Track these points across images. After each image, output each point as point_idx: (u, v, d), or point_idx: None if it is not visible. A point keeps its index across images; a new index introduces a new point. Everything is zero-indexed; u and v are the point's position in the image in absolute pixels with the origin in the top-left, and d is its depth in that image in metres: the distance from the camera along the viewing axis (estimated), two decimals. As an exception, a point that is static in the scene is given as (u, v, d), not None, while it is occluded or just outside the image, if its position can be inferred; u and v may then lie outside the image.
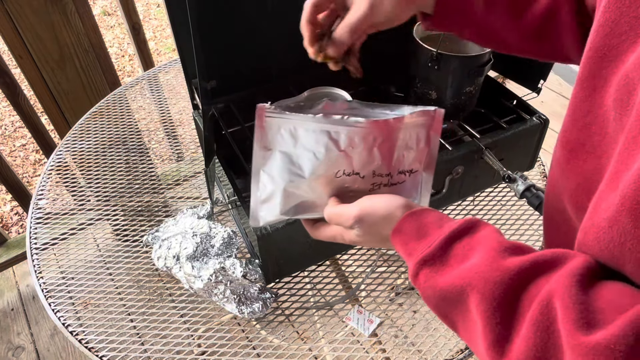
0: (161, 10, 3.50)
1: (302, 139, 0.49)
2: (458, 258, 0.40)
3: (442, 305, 0.40)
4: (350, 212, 0.47)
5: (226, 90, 0.80)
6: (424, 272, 0.41)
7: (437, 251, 0.41)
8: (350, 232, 0.48)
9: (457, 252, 0.40)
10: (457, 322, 0.40)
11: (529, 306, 0.34)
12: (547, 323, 0.32)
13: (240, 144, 0.80)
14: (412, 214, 0.45)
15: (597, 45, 0.37)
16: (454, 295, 0.38)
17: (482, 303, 0.36)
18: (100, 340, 0.72)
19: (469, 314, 0.38)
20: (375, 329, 0.76)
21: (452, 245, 0.41)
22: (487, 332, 0.35)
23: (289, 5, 0.83)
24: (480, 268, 0.37)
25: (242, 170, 0.81)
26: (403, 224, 0.44)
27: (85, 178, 1.01)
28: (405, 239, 0.44)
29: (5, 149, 2.38)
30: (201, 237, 0.76)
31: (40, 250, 0.86)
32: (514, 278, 0.35)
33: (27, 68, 1.23)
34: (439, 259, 0.41)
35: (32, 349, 1.51)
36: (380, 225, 0.46)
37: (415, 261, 0.42)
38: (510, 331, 0.34)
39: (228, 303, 0.73)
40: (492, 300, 0.35)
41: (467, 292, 0.37)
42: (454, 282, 0.38)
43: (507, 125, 0.81)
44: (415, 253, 0.42)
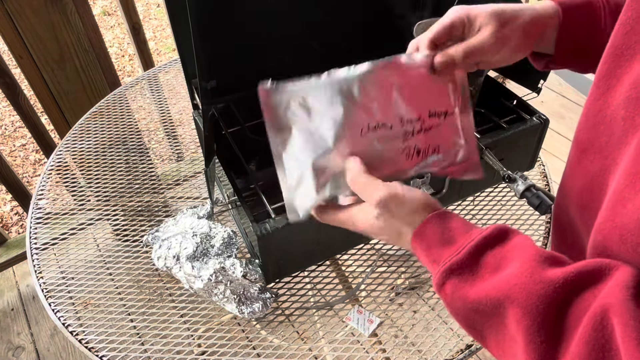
0: (161, 10, 3.50)
1: (315, 106, 0.45)
2: (490, 268, 0.36)
3: (473, 317, 0.37)
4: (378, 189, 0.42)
5: (226, 90, 0.80)
6: (451, 282, 0.38)
7: (467, 259, 0.37)
8: (368, 215, 0.43)
9: (489, 260, 0.37)
10: (488, 336, 0.37)
11: (578, 322, 0.31)
12: (602, 341, 0.29)
13: (240, 144, 0.80)
14: (437, 215, 0.41)
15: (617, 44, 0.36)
16: (488, 308, 0.35)
17: (524, 319, 0.32)
18: (100, 340, 0.72)
19: (506, 329, 0.34)
20: (375, 329, 0.76)
21: (484, 253, 0.37)
22: (530, 351, 0.32)
23: (289, 5, 0.83)
24: (520, 279, 0.34)
25: (242, 170, 0.81)
26: (426, 227, 0.41)
27: (85, 178, 1.01)
28: (428, 244, 0.40)
29: (5, 149, 2.38)
30: (201, 237, 0.76)
31: (40, 250, 0.86)
32: (558, 291, 0.32)
33: (27, 68, 1.23)
34: (469, 268, 0.37)
35: (32, 349, 1.51)
36: (404, 218, 0.42)
37: (441, 270, 0.38)
38: (557, 350, 0.31)
39: (228, 303, 0.73)
40: (537, 315, 0.32)
41: (505, 306, 0.34)
42: (488, 294, 0.35)
43: (507, 125, 0.81)
44: (440, 260, 0.39)
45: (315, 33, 0.85)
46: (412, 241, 0.41)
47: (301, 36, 0.84)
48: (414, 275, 0.84)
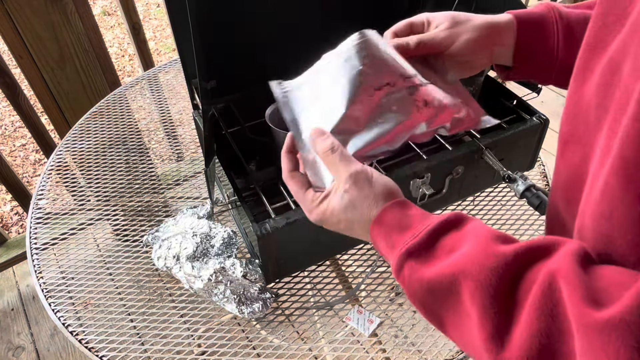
0: (161, 10, 3.50)
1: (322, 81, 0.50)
2: (446, 249, 0.38)
3: (430, 300, 0.38)
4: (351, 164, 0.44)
5: (226, 90, 0.80)
6: (409, 265, 0.39)
7: (424, 242, 0.39)
8: (336, 192, 0.44)
9: (445, 243, 0.38)
10: (446, 319, 0.38)
11: (529, 292, 0.32)
12: (550, 305, 0.30)
13: (240, 144, 0.80)
14: (397, 203, 0.43)
15: (590, 39, 0.38)
16: (444, 285, 0.36)
17: (477, 291, 0.33)
18: (100, 340, 0.72)
19: (461, 306, 0.35)
20: (375, 329, 0.76)
21: (440, 236, 0.39)
22: (485, 322, 0.33)
23: (289, 5, 0.83)
24: (474, 255, 0.35)
25: (242, 170, 0.81)
26: (386, 213, 0.42)
27: (85, 178, 1.01)
28: (387, 230, 0.41)
29: (5, 149, 2.38)
30: (201, 237, 0.76)
31: (40, 250, 0.86)
32: (510, 264, 0.33)
33: (27, 68, 1.23)
34: (426, 250, 0.39)
35: (32, 349, 1.51)
36: (370, 199, 0.43)
37: (399, 254, 0.39)
38: (510, 320, 0.32)
39: (228, 303, 0.73)
40: (489, 287, 0.33)
41: (459, 281, 0.35)
42: (443, 272, 0.36)
43: (507, 125, 0.81)
44: (398, 245, 0.40)
45: (316, 33, 0.85)
46: (372, 228, 0.43)
47: (301, 36, 0.84)
48: (414, 275, 0.84)
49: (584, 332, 0.28)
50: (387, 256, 0.42)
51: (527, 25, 0.54)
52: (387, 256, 0.42)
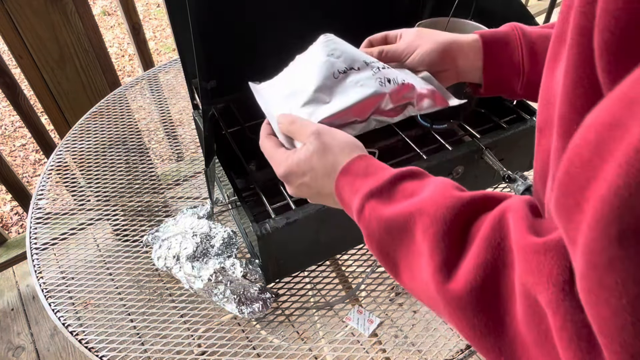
0: (161, 10, 3.50)
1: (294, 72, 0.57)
2: (407, 192, 0.39)
3: (386, 240, 0.39)
4: (310, 125, 0.48)
5: (226, 90, 0.80)
6: (370, 205, 0.40)
7: (386, 185, 0.40)
8: (302, 150, 0.46)
9: (406, 187, 0.40)
10: (399, 259, 0.38)
11: (480, 229, 0.33)
12: (498, 239, 0.31)
13: (240, 144, 0.80)
14: (363, 156, 0.45)
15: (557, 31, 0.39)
16: (400, 224, 0.37)
17: (431, 226, 0.34)
18: (100, 340, 0.72)
19: (414, 244, 0.36)
20: (375, 329, 0.76)
21: (402, 182, 0.40)
22: (434, 255, 0.33)
23: (288, 5, 0.83)
24: (432, 197, 0.36)
25: (242, 170, 0.81)
26: (353, 163, 0.44)
27: (85, 178, 1.01)
28: (352, 179, 0.43)
29: (5, 149, 2.38)
30: (201, 237, 0.76)
31: (40, 250, 0.86)
32: (465, 206, 0.34)
33: (27, 68, 1.23)
34: (387, 192, 0.40)
35: (32, 349, 1.51)
36: (337, 151, 0.45)
37: (362, 194, 0.41)
38: (460, 254, 0.33)
39: (228, 303, 0.73)
40: (443, 223, 0.34)
41: (414, 219, 0.36)
42: (402, 211, 0.37)
43: (507, 125, 0.81)
44: (362, 188, 0.41)
45: (316, 33, 0.85)
46: (337, 180, 0.44)
47: (301, 36, 0.84)
48: (414, 275, 0.84)
49: (523, 255, 0.28)
50: (349, 203, 0.43)
51: (492, 42, 0.58)
52: (350, 202, 0.43)
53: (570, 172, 0.24)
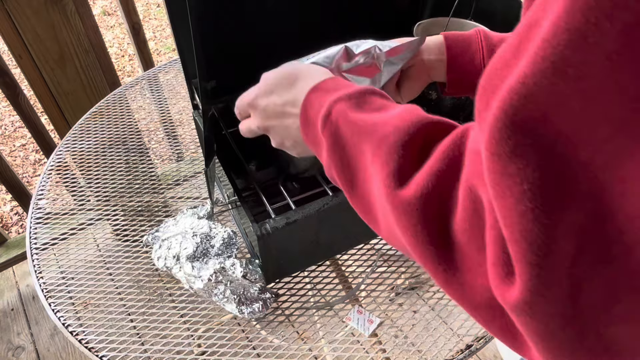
0: (161, 10, 3.50)
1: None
2: (375, 106, 0.39)
3: (350, 146, 0.38)
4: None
5: (226, 90, 0.80)
6: (337, 108, 0.39)
7: (356, 94, 0.40)
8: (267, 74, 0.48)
9: (375, 101, 0.40)
10: (357, 171, 0.37)
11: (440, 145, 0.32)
12: (457, 152, 0.30)
13: (240, 144, 0.80)
14: (335, 77, 0.45)
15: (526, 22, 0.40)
16: (365, 130, 0.36)
17: (392, 135, 0.34)
18: (100, 340, 0.72)
19: (374, 155, 0.35)
20: (375, 329, 0.76)
21: (372, 95, 0.40)
22: (390, 162, 0.33)
23: (289, 5, 0.83)
24: (400, 113, 0.36)
25: (242, 170, 0.81)
26: (322, 83, 0.43)
27: (85, 178, 1.01)
28: (321, 94, 0.42)
29: (5, 149, 2.38)
30: (201, 237, 0.76)
31: (40, 250, 0.86)
32: (432, 124, 0.34)
33: (27, 68, 1.23)
34: (356, 100, 0.39)
35: (32, 349, 1.51)
36: (304, 76, 0.45)
37: (329, 102, 0.40)
38: (415, 167, 0.32)
39: (228, 303, 0.73)
40: (405, 134, 0.33)
41: (378, 128, 0.35)
42: (369, 119, 0.37)
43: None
44: (331, 98, 0.41)
45: (316, 33, 0.85)
46: (307, 95, 0.43)
47: (301, 36, 0.84)
48: (414, 275, 0.84)
49: (473, 157, 0.28)
50: (314, 117, 0.42)
51: (455, 42, 0.60)
52: (316, 115, 0.42)
53: (490, 73, 0.24)
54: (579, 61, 0.19)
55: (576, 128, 0.20)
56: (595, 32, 0.19)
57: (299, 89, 0.45)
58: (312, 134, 0.43)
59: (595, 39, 0.19)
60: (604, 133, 0.20)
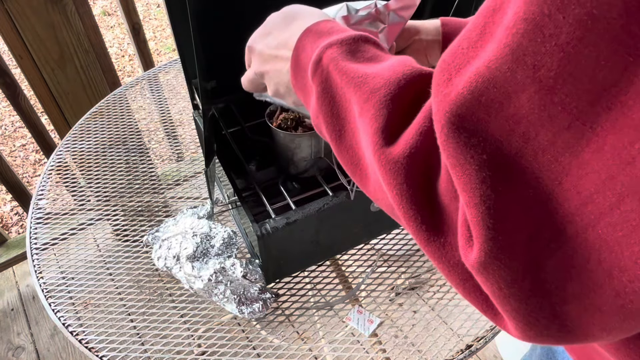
0: (161, 10, 3.50)
1: None
2: (368, 55, 0.37)
3: (340, 95, 0.36)
4: None
5: (226, 90, 0.80)
6: (329, 53, 0.37)
7: (349, 40, 0.38)
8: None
9: (369, 49, 0.37)
10: (346, 122, 0.36)
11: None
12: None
13: (240, 144, 0.80)
14: (331, 20, 0.42)
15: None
16: (356, 80, 0.34)
17: (382, 87, 0.32)
18: (100, 340, 0.72)
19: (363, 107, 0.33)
20: (375, 329, 0.76)
21: (366, 43, 0.38)
22: (379, 117, 0.32)
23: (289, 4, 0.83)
24: (392, 65, 0.34)
25: (242, 170, 0.81)
26: (317, 25, 0.41)
27: (85, 178, 1.01)
28: (314, 38, 0.40)
29: (5, 149, 2.38)
30: (201, 237, 0.76)
31: (40, 250, 0.86)
32: (423, 76, 0.32)
33: (27, 68, 1.23)
34: (349, 46, 0.37)
35: (32, 349, 1.51)
36: (302, 16, 0.43)
37: (321, 47, 0.38)
38: (404, 123, 0.31)
39: (228, 303, 0.73)
40: (395, 87, 0.32)
41: (368, 79, 0.34)
42: (361, 70, 0.35)
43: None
44: (323, 42, 0.38)
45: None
46: (300, 37, 0.41)
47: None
48: (414, 275, 0.84)
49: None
50: (305, 62, 0.40)
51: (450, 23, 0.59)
52: (306, 60, 0.40)
53: (455, 50, 0.25)
54: (535, 51, 0.21)
55: (536, 113, 0.21)
56: (549, 24, 0.20)
57: (294, 30, 0.43)
58: (302, 81, 0.41)
59: (550, 30, 0.20)
60: (563, 120, 0.21)
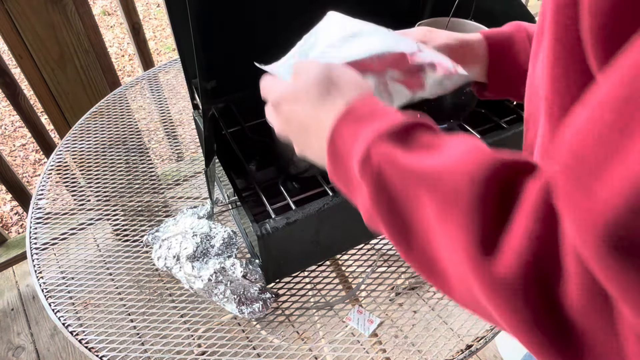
0: (161, 10, 3.50)
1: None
2: (424, 143, 0.32)
3: (401, 194, 0.31)
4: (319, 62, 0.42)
5: (226, 90, 0.80)
6: (380, 148, 0.32)
7: (399, 129, 0.33)
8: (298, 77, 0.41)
9: (423, 136, 0.33)
10: (415, 222, 0.31)
11: (526, 197, 0.26)
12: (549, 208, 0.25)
13: (240, 144, 0.80)
14: (370, 95, 0.38)
15: (539, 30, 0.38)
16: (421, 177, 0.30)
17: (467, 186, 0.28)
18: (100, 340, 0.72)
19: (440, 207, 0.29)
20: (375, 329, 0.76)
21: (418, 130, 0.33)
22: (470, 225, 0.27)
23: (288, 5, 0.83)
24: (462, 154, 0.29)
25: (242, 170, 0.81)
26: (356, 103, 0.37)
27: (85, 178, 1.01)
28: (354, 123, 0.35)
29: (5, 149, 2.38)
30: (201, 237, 0.76)
31: (40, 250, 0.86)
32: (506, 165, 0.28)
33: (27, 68, 1.23)
34: (402, 136, 0.33)
35: (32, 349, 1.51)
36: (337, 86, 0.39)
37: (367, 139, 0.33)
38: (500, 226, 0.26)
39: (228, 303, 0.73)
40: (479, 185, 0.27)
41: (442, 176, 0.29)
42: (424, 163, 0.30)
43: (507, 125, 0.81)
44: (366, 133, 0.34)
45: (315, 33, 0.85)
46: (338, 120, 0.36)
47: (301, 35, 0.84)
48: (414, 275, 0.84)
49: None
50: (347, 151, 0.35)
51: (496, 42, 0.56)
52: (349, 150, 0.35)
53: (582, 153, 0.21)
54: None
55: None
56: None
57: (328, 106, 0.38)
58: (343, 173, 0.37)
59: None
60: None
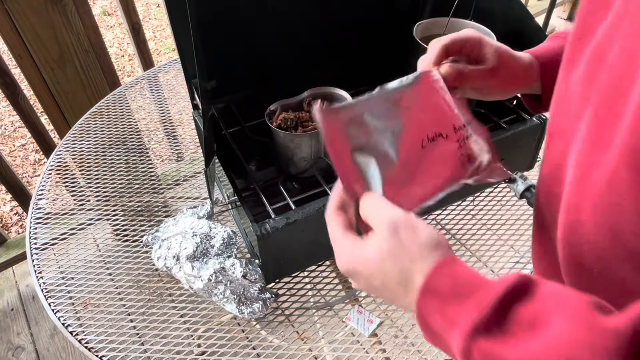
0: (161, 10, 3.50)
1: (371, 123, 0.43)
2: (525, 323, 0.30)
3: None
4: (391, 210, 0.38)
5: (226, 90, 0.80)
6: (479, 346, 0.31)
7: (492, 315, 0.31)
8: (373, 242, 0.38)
9: (521, 315, 0.31)
10: None
11: None
12: None
13: (240, 144, 0.80)
14: (444, 264, 0.35)
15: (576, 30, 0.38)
16: None
17: None
18: (100, 340, 0.72)
19: None
20: (375, 329, 0.76)
21: (512, 306, 0.31)
22: None
23: (288, 5, 0.83)
24: (578, 335, 0.27)
25: (242, 170, 0.81)
26: (434, 281, 0.35)
27: (85, 178, 1.01)
28: (440, 303, 0.34)
29: (5, 149, 2.38)
30: (201, 237, 0.76)
31: (40, 250, 0.86)
32: (630, 343, 0.26)
33: (27, 68, 1.23)
34: (497, 324, 0.31)
35: (32, 349, 1.51)
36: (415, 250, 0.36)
37: (463, 333, 0.31)
38: None
39: (228, 303, 0.73)
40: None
41: None
42: (531, 353, 0.29)
43: (507, 125, 0.81)
44: (460, 322, 0.32)
45: (315, 33, 0.85)
46: (420, 297, 0.35)
47: (301, 36, 0.84)
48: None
49: None
50: (444, 336, 0.34)
51: (548, 65, 0.54)
52: (446, 337, 0.34)
53: None
54: None
55: None
56: None
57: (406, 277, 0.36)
58: (442, 347, 0.36)
59: None
60: None
